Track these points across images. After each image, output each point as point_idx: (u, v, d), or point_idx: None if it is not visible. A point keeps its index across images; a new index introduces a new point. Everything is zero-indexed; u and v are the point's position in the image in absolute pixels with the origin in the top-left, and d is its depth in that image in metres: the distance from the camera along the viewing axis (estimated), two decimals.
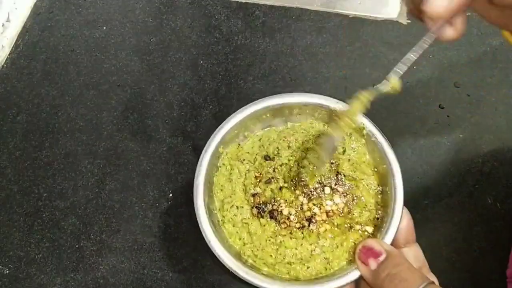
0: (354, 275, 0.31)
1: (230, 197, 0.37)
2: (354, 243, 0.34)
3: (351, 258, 0.33)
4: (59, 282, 0.46)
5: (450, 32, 0.29)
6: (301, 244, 0.34)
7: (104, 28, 0.61)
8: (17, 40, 0.60)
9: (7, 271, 0.46)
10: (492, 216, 0.48)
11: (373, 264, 0.29)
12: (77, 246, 0.47)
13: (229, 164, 0.38)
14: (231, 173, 0.37)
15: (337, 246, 0.34)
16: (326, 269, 0.34)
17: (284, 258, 0.34)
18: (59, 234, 0.48)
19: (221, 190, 0.37)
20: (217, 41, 0.60)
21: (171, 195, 0.50)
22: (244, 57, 0.58)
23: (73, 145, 0.53)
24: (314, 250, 0.34)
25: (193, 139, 0.53)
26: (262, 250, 0.35)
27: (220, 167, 0.38)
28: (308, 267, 0.34)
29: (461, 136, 0.53)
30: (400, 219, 0.32)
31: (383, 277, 0.28)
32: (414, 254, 0.33)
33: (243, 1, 0.63)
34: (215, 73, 0.57)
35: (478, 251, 0.46)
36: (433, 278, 0.33)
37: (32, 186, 0.50)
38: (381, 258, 0.29)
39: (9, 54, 0.59)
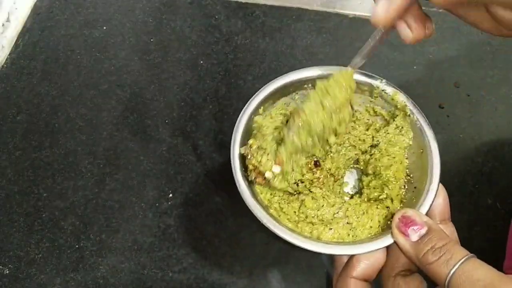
0: (386, 241, 0.31)
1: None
2: (378, 212, 0.34)
3: (375, 228, 0.33)
4: (59, 282, 0.46)
5: (407, 34, 0.32)
6: (322, 206, 0.34)
7: (104, 28, 0.61)
8: (17, 40, 0.60)
9: (7, 271, 0.46)
10: (492, 216, 0.48)
11: (414, 236, 0.29)
12: (77, 246, 0.47)
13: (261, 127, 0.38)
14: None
15: (363, 213, 0.34)
16: (349, 235, 0.34)
17: (306, 217, 0.34)
18: (59, 234, 0.48)
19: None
20: (217, 41, 0.60)
21: (171, 195, 0.50)
22: (244, 57, 0.58)
23: (73, 145, 0.53)
24: (337, 213, 0.34)
25: (193, 139, 0.53)
26: (288, 204, 0.35)
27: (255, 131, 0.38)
28: (330, 229, 0.34)
29: (461, 136, 0.53)
30: (435, 195, 0.33)
31: (427, 250, 0.28)
32: (449, 232, 0.32)
33: (243, 1, 0.63)
34: (215, 73, 0.57)
35: (478, 251, 0.46)
36: None
37: (32, 186, 0.50)
38: (423, 231, 0.29)
39: (9, 54, 0.59)
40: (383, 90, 0.38)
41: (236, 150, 0.35)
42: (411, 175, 0.36)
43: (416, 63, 0.57)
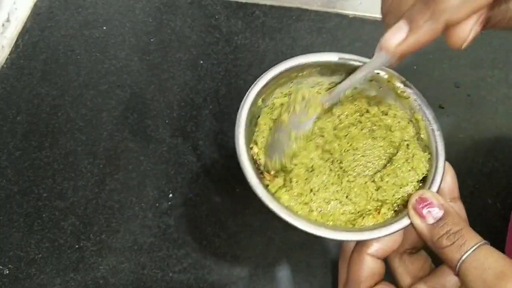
0: (404, 222, 0.30)
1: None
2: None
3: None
4: (59, 282, 0.46)
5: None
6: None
7: (104, 28, 0.61)
8: (17, 40, 0.60)
9: (7, 271, 0.46)
10: (492, 216, 0.48)
11: (430, 218, 0.29)
12: (77, 246, 0.47)
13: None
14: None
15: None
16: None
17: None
18: (59, 234, 0.48)
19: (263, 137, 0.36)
20: (217, 41, 0.60)
21: (171, 195, 0.50)
22: (244, 57, 0.58)
23: (73, 145, 0.53)
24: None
25: (193, 139, 0.53)
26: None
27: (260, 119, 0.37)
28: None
29: (461, 136, 0.53)
30: (443, 175, 0.32)
31: (442, 234, 0.28)
32: (458, 210, 0.33)
33: (243, 1, 0.63)
34: (215, 73, 0.57)
35: None
36: None
37: (32, 186, 0.50)
38: (439, 214, 0.29)
39: (9, 54, 0.59)
40: (377, 73, 0.36)
41: (242, 146, 0.33)
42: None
43: (416, 63, 0.57)
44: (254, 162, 0.34)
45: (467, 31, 0.26)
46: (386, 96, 0.37)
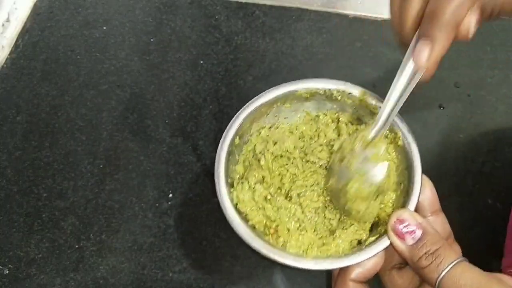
0: (385, 243, 0.31)
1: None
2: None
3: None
4: (59, 282, 0.46)
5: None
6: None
7: (104, 28, 0.61)
8: (17, 40, 0.60)
9: (7, 271, 0.46)
10: (492, 216, 0.48)
11: (409, 239, 0.30)
12: (77, 246, 0.47)
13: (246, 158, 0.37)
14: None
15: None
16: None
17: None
18: (59, 234, 0.48)
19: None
20: (217, 41, 0.60)
21: (171, 195, 0.50)
22: (244, 57, 0.58)
23: (73, 145, 0.53)
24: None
25: (193, 139, 0.53)
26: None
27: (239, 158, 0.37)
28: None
29: (461, 136, 0.53)
30: (420, 188, 0.32)
31: (422, 254, 0.29)
32: (440, 223, 0.33)
33: (243, 1, 0.63)
34: (215, 73, 0.57)
35: (478, 251, 0.46)
36: (457, 247, 0.34)
37: (32, 186, 0.50)
38: (418, 234, 0.30)
39: (9, 54, 0.59)
40: (349, 93, 0.36)
41: (222, 186, 0.34)
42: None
43: None
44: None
45: (472, 23, 0.31)
46: (363, 115, 0.37)
